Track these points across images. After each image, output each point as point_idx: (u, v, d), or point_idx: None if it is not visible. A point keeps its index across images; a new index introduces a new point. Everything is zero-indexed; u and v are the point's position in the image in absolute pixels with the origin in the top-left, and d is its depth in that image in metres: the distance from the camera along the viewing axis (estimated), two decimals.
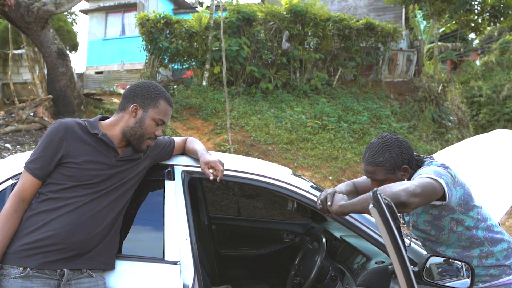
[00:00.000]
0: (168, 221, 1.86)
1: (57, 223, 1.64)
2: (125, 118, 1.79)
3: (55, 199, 1.67)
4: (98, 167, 1.72)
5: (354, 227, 1.97)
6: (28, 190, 1.68)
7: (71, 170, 1.68)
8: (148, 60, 11.46)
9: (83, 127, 1.74)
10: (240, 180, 2.02)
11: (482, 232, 1.83)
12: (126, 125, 1.78)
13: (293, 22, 11.36)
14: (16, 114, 8.11)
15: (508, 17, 13.97)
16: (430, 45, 15.97)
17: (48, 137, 1.69)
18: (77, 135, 1.71)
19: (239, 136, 9.10)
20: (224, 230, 3.33)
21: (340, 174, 8.23)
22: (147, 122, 1.78)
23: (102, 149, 1.74)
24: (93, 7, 16.61)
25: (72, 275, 1.67)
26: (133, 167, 1.83)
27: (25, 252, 1.61)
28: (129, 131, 1.78)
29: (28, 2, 8.17)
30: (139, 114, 1.78)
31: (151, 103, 1.78)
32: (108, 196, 1.74)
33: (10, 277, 1.59)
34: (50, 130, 1.71)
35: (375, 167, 1.83)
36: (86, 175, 1.69)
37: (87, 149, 1.71)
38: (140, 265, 1.81)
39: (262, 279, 3.17)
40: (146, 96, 1.78)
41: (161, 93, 1.81)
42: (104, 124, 1.81)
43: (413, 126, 11.10)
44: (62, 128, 1.70)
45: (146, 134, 1.78)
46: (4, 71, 13.83)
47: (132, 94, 1.80)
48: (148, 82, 1.85)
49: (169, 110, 1.83)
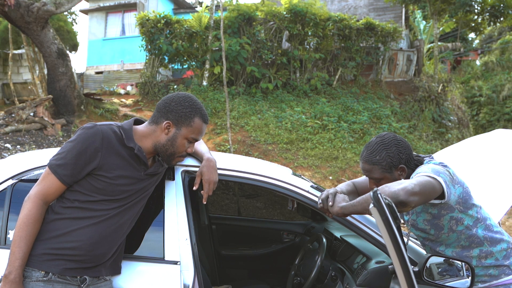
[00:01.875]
0: (168, 221, 1.86)
1: (82, 234, 1.62)
2: (157, 133, 1.71)
3: (81, 208, 1.63)
4: (128, 182, 1.68)
5: (354, 227, 1.97)
6: (53, 194, 1.62)
7: (102, 184, 1.63)
8: (148, 60, 11.46)
9: (119, 138, 1.66)
10: (240, 180, 2.02)
11: (482, 232, 1.83)
12: (157, 140, 1.72)
13: (293, 22, 11.36)
14: (16, 114, 8.11)
15: (508, 17, 13.98)
16: (430, 45, 15.97)
17: (82, 143, 1.59)
18: (113, 147, 1.63)
19: (239, 136, 9.10)
20: (224, 230, 3.33)
21: (340, 174, 8.24)
22: (179, 141, 1.72)
23: (134, 163, 1.69)
24: (93, 7, 16.61)
25: (91, 281, 1.67)
26: (156, 179, 1.82)
27: (48, 257, 1.60)
28: (161, 148, 1.72)
29: (28, 2, 8.17)
30: (172, 132, 1.70)
31: (185, 122, 1.70)
32: (132, 209, 1.73)
33: (32, 280, 1.58)
34: (85, 136, 1.60)
35: (372, 166, 1.84)
36: (116, 191, 1.65)
37: (121, 164, 1.65)
38: (140, 265, 1.81)
39: (262, 279, 3.17)
40: (180, 114, 1.69)
41: (196, 111, 1.71)
42: (138, 133, 1.72)
43: (413, 126, 11.11)
44: (99, 138, 1.60)
45: (177, 152, 1.74)
46: (4, 71, 13.84)
47: (166, 109, 1.70)
48: (184, 96, 1.73)
49: (203, 128, 1.74)
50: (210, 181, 1.85)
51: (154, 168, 1.76)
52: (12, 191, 1.84)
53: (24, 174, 1.87)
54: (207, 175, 1.85)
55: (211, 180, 1.85)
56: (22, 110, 8.19)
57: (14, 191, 1.84)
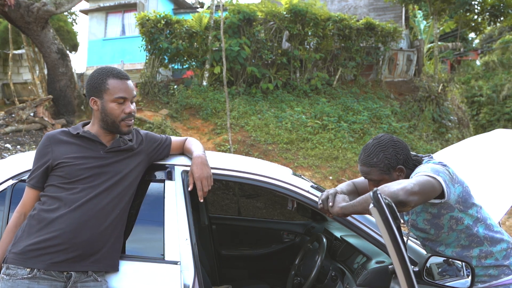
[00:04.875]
0: (168, 221, 1.86)
1: (60, 222, 1.65)
2: (95, 114, 1.81)
3: (54, 198, 1.70)
4: (88, 161, 1.74)
5: (354, 227, 1.97)
6: (28, 202, 1.76)
7: (63, 169, 1.72)
8: (148, 60, 11.46)
9: (66, 132, 1.81)
10: (240, 180, 2.02)
11: (483, 231, 1.83)
12: (98, 119, 1.80)
13: (293, 22, 11.36)
14: (16, 114, 8.11)
15: (508, 17, 13.97)
16: (430, 44, 15.96)
17: (38, 149, 1.79)
18: (61, 140, 1.77)
19: (239, 136, 9.10)
20: (224, 230, 3.33)
21: (340, 174, 8.24)
22: (109, 107, 1.76)
23: (89, 145, 1.78)
24: (93, 7, 16.61)
25: (78, 278, 1.67)
26: (126, 159, 1.82)
27: (32, 253, 1.62)
28: (102, 123, 1.79)
29: (28, 2, 8.17)
30: (99, 104, 1.78)
31: (102, 88, 1.76)
32: (108, 193, 1.74)
33: (17, 278, 1.59)
34: (40, 143, 1.80)
35: (369, 168, 1.84)
36: (77, 170, 1.72)
37: (73, 148, 1.76)
38: (140, 265, 1.81)
39: (262, 279, 3.16)
40: (94, 85, 1.77)
41: (105, 73, 1.78)
42: (86, 126, 1.86)
43: (413, 126, 11.10)
44: (46, 138, 1.78)
45: (115, 117, 1.77)
46: (4, 71, 13.84)
47: (87, 90, 1.82)
48: (95, 70, 1.83)
49: (122, 83, 1.78)
50: (201, 177, 1.84)
51: (113, 144, 1.81)
52: (12, 191, 1.85)
53: (24, 174, 1.88)
54: (197, 172, 1.85)
55: (202, 176, 1.85)
56: (22, 110, 8.19)
57: (14, 191, 1.85)
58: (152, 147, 1.94)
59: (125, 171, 1.80)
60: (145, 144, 1.91)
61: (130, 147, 1.84)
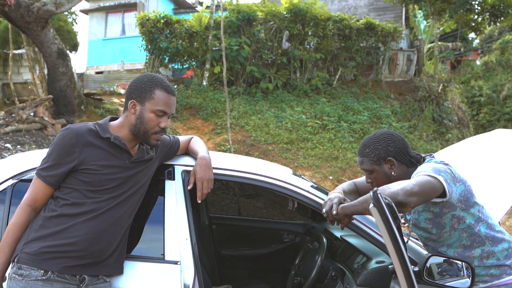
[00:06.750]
0: (168, 221, 1.86)
1: (79, 229, 1.63)
2: (129, 117, 1.74)
3: (75, 204, 1.65)
4: (114, 171, 1.70)
5: (354, 227, 1.97)
6: (41, 198, 1.67)
7: (89, 177, 1.66)
8: (148, 60, 11.46)
9: (94, 132, 1.70)
10: (240, 180, 2.02)
11: (485, 230, 1.83)
12: (130, 123, 1.74)
13: (293, 22, 11.36)
14: (17, 114, 8.11)
15: (508, 17, 13.96)
16: (430, 44, 15.95)
17: (59, 144, 1.65)
18: (89, 141, 1.67)
19: (239, 136, 9.10)
20: (224, 230, 3.33)
21: (340, 174, 8.24)
22: (147, 116, 1.71)
23: (116, 153, 1.72)
24: (93, 7, 16.61)
25: (90, 281, 1.67)
26: (146, 168, 1.81)
27: (47, 255, 1.60)
28: (134, 129, 1.73)
29: (28, 2, 8.17)
30: (138, 110, 1.72)
31: (147, 95, 1.71)
32: (126, 202, 1.73)
33: (30, 279, 1.58)
34: (60, 137, 1.67)
35: (362, 158, 1.93)
36: (103, 180, 1.67)
37: (101, 154, 1.68)
38: (140, 265, 1.81)
39: (262, 279, 3.16)
40: (140, 90, 1.72)
41: (155, 83, 1.73)
42: (114, 126, 1.77)
43: (413, 125, 11.10)
44: (73, 135, 1.66)
45: (149, 128, 1.73)
46: (4, 71, 13.83)
47: (129, 91, 1.75)
48: (144, 74, 1.78)
49: (168, 98, 1.73)
50: (203, 179, 1.85)
51: (138, 154, 1.77)
52: (12, 191, 1.85)
53: (24, 174, 1.88)
54: (199, 174, 1.86)
55: (204, 178, 1.85)
56: (22, 110, 8.18)
57: (14, 191, 1.85)
58: (164, 151, 1.94)
59: (143, 181, 1.80)
60: (160, 150, 1.90)
61: (151, 157, 1.83)
